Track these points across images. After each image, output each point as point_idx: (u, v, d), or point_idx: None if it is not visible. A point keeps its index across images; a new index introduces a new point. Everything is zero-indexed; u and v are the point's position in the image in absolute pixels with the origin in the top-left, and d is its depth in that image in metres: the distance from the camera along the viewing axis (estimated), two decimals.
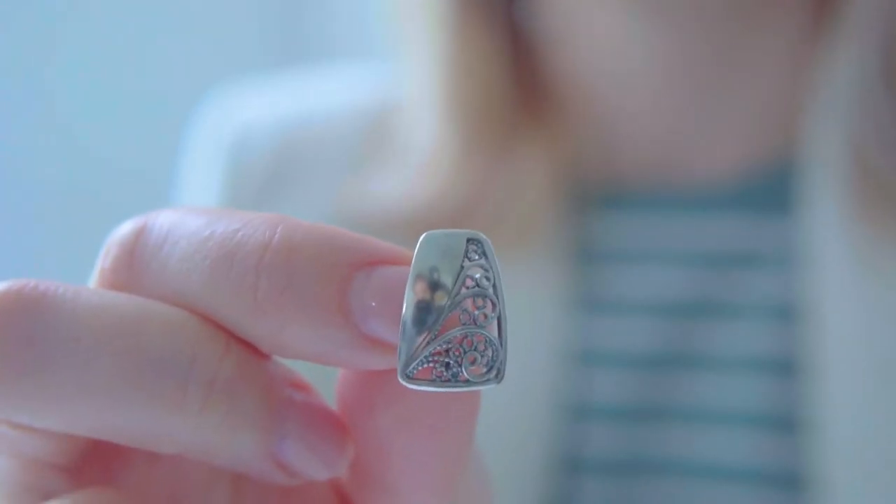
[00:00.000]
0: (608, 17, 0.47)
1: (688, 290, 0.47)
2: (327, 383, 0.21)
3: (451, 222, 0.47)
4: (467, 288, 0.18)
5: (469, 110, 0.48)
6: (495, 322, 0.19)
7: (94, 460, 0.21)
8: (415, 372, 0.18)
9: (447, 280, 0.18)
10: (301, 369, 0.21)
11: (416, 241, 0.19)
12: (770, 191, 0.48)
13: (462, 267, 0.18)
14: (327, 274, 0.18)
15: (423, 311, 0.18)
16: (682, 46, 0.47)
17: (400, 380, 0.18)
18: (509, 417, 0.46)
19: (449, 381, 0.18)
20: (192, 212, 0.20)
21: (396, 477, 0.20)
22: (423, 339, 0.18)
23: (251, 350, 0.19)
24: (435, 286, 0.18)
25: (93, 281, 0.21)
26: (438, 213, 0.47)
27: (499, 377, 0.19)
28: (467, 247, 0.19)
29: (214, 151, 0.54)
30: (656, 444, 0.46)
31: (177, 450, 0.19)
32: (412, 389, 0.18)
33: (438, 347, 0.18)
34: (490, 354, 0.19)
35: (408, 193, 0.48)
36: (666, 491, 0.46)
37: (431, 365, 0.18)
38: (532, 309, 0.47)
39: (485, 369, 0.19)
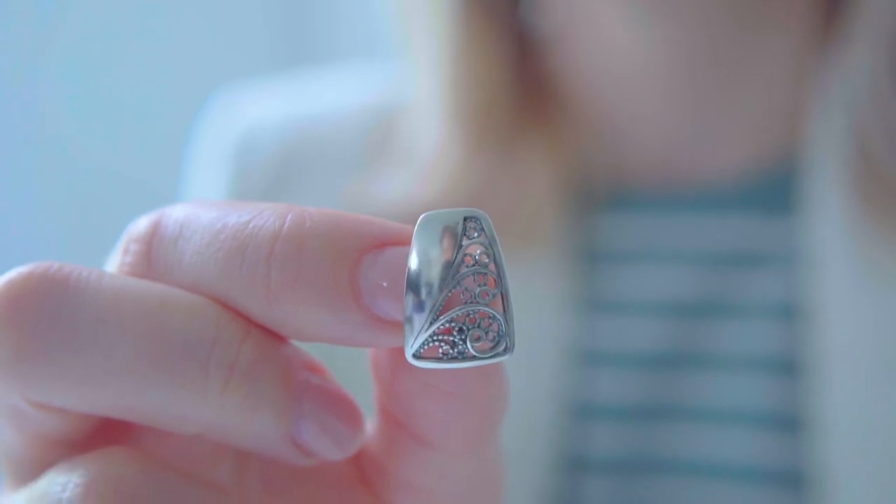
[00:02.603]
0: (614, 17, 0.47)
1: (692, 290, 0.47)
2: (335, 366, 0.22)
3: None
4: (467, 266, 0.19)
5: (474, 111, 0.48)
6: (499, 297, 0.19)
7: (102, 436, 0.22)
8: (422, 351, 0.19)
9: (446, 259, 0.19)
10: (314, 352, 0.21)
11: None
12: (774, 191, 0.48)
13: (461, 245, 0.19)
14: (336, 259, 0.19)
15: (424, 292, 0.18)
16: (687, 47, 0.47)
17: (408, 359, 0.19)
18: (514, 416, 0.46)
19: (456, 358, 0.19)
20: (205, 205, 0.20)
21: (425, 431, 0.21)
22: (426, 319, 0.18)
23: (269, 334, 0.20)
24: (433, 266, 0.19)
25: None
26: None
27: (507, 350, 0.19)
28: (465, 225, 0.19)
29: (220, 153, 0.54)
30: (660, 444, 0.46)
31: (197, 430, 0.20)
32: (421, 368, 0.19)
33: (442, 326, 0.19)
34: (495, 329, 0.19)
35: (412, 194, 0.48)
36: (670, 490, 0.46)
37: (437, 343, 0.19)
38: (537, 309, 0.47)
39: (491, 344, 0.19)
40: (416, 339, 0.19)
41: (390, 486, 0.22)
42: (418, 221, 0.19)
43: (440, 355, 0.19)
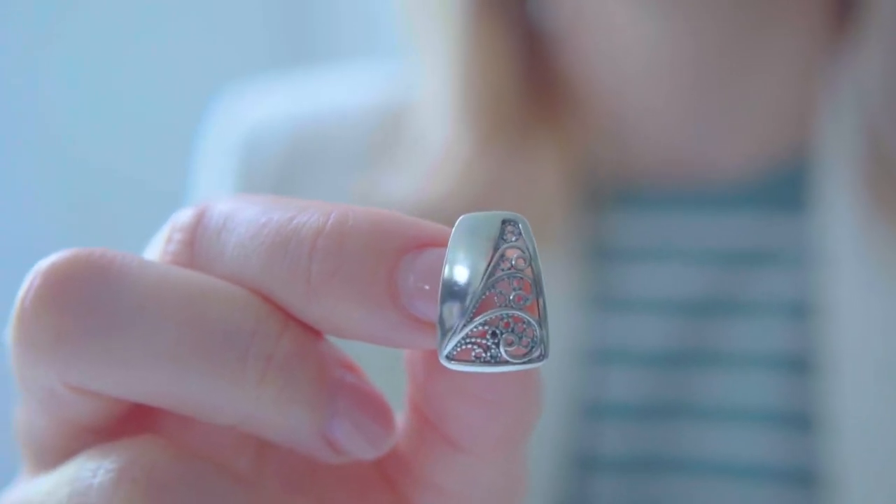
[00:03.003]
0: (622, 14, 0.47)
1: (702, 287, 0.47)
2: (368, 366, 0.22)
3: None
4: (503, 270, 0.19)
5: (482, 108, 0.48)
6: (534, 303, 0.19)
7: (128, 424, 0.22)
8: (455, 353, 0.19)
9: (482, 262, 0.19)
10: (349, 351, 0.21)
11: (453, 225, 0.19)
12: (784, 188, 0.48)
13: (497, 248, 0.19)
14: (375, 258, 0.19)
15: (458, 294, 0.18)
16: (696, 44, 0.47)
17: (441, 361, 0.19)
18: None
19: (489, 362, 0.19)
20: (250, 200, 0.21)
21: (457, 434, 0.21)
22: (460, 321, 0.18)
23: (307, 329, 0.20)
24: (469, 269, 0.18)
25: None
26: (451, 212, 0.47)
27: (542, 357, 0.19)
28: (503, 228, 0.19)
29: (226, 152, 0.54)
30: (670, 442, 0.46)
31: (231, 421, 0.20)
32: (453, 370, 0.19)
33: (475, 329, 0.19)
34: (530, 335, 0.19)
35: (420, 192, 0.48)
36: (680, 488, 0.45)
37: (470, 346, 0.19)
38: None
39: (526, 350, 0.19)
40: (449, 340, 0.18)
41: (414, 485, 0.22)
42: (457, 222, 0.19)
43: (473, 358, 0.19)
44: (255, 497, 0.20)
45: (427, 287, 0.19)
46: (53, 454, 0.21)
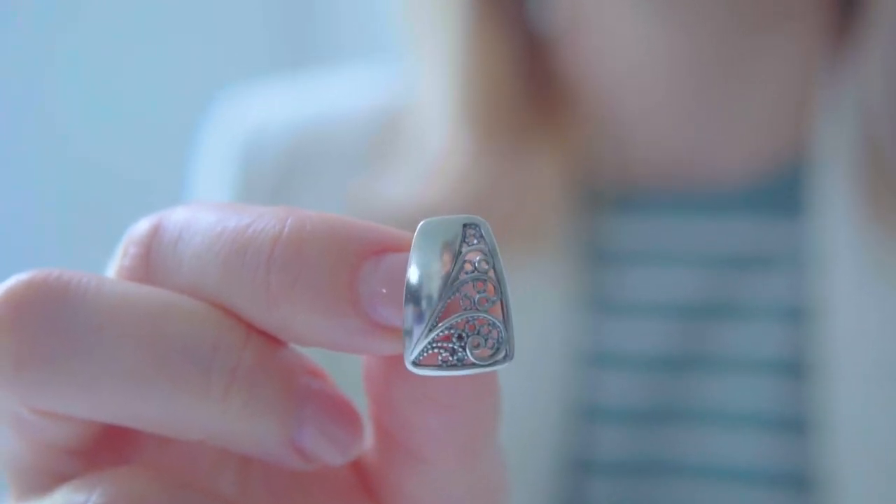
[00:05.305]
0: (620, 14, 0.47)
1: (699, 291, 0.47)
2: (339, 371, 0.22)
3: None
4: (466, 273, 0.19)
5: (481, 111, 0.48)
6: (498, 304, 0.19)
7: (106, 445, 0.21)
8: (421, 358, 0.19)
9: (445, 266, 0.19)
10: (316, 356, 0.21)
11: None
12: (782, 192, 0.48)
13: (460, 252, 0.19)
14: (336, 264, 0.19)
15: (422, 298, 0.18)
16: (694, 47, 0.47)
17: (407, 367, 0.19)
18: (520, 418, 0.46)
19: (455, 365, 0.19)
20: (205, 208, 0.20)
21: (419, 445, 0.20)
22: (425, 326, 0.18)
23: (269, 339, 0.20)
24: (432, 273, 0.18)
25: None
26: (449, 214, 0.47)
27: (507, 357, 0.19)
28: (464, 231, 0.19)
29: (226, 154, 0.54)
30: (667, 446, 0.46)
31: (199, 436, 0.20)
32: (419, 375, 0.19)
33: (441, 333, 0.19)
34: (495, 336, 0.19)
35: (419, 194, 0.48)
36: (676, 492, 0.45)
37: (437, 350, 0.19)
38: (543, 310, 0.47)
39: (491, 351, 0.19)
40: (415, 346, 0.18)
41: (389, 494, 0.22)
42: (417, 228, 0.19)
43: (439, 362, 0.19)
44: None
45: (390, 292, 0.18)
46: (37, 479, 0.21)
